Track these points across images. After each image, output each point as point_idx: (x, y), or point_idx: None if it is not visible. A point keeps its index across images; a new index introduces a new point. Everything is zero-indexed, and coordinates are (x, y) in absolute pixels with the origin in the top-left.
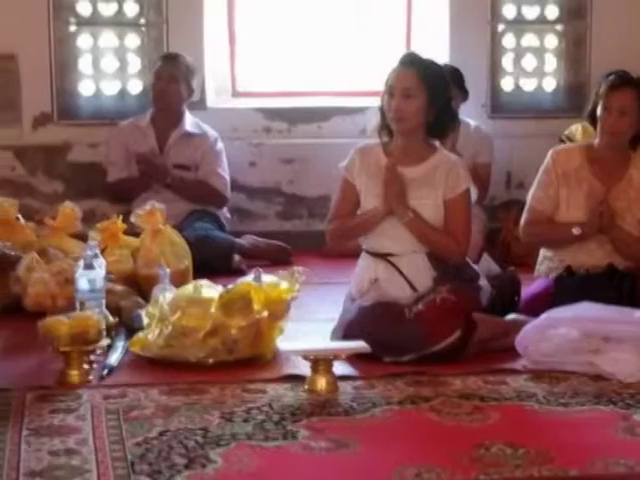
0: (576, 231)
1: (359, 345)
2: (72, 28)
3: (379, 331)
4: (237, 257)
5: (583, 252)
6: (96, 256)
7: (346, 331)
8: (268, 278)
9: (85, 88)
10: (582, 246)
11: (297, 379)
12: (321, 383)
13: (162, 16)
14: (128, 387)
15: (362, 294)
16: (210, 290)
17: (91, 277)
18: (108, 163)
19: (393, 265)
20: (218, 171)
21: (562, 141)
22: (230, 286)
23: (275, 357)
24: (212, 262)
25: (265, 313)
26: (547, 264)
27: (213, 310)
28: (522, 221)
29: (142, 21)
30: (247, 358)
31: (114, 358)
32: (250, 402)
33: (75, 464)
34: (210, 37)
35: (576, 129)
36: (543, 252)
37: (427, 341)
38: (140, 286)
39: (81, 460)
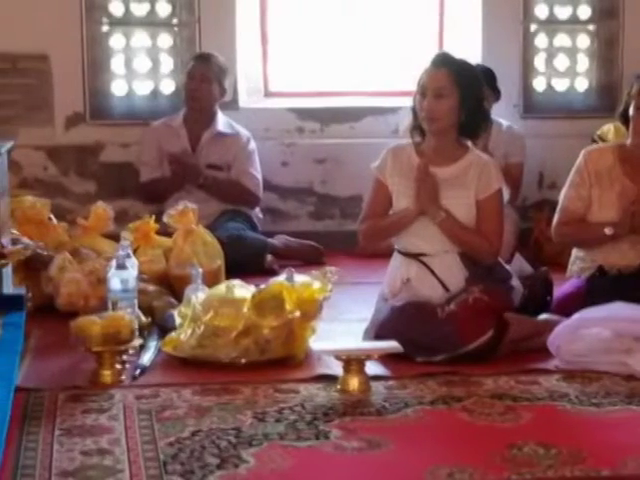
0: (608, 231)
1: (391, 345)
2: (105, 28)
3: (411, 331)
4: (269, 257)
5: (615, 252)
6: (128, 256)
7: (378, 331)
8: (300, 278)
9: (118, 88)
10: (614, 246)
11: (329, 379)
12: (353, 383)
13: (194, 16)
14: (160, 387)
15: (394, 294)
16: (242, 290)
17: (123, 277)
18: (140, 163)
19: (425, 265)
20: (250, 171)
21: (594, 141)
22: (262, 286)
23: (307, 357)
24: (244, 262)
25: (297, 313)
26: (579, 264)
27: (245, 310)
28: (554, 221)
29: (174, 21)
30: (279, 358)
31: (146, 358)
32: (282, 402)
33: (107, 464)
34: (242, 37)
35: (608, 129)
36: (575, 252)
37: (459, 341)
38: (172, 286)
39: (113, 460)
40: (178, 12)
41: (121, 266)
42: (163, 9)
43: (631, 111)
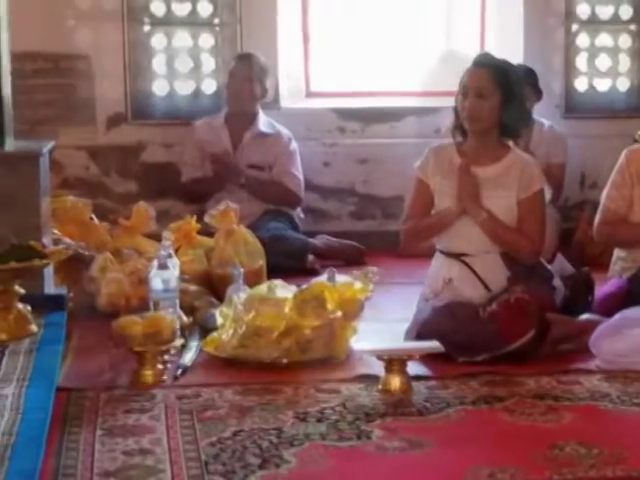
0: None
1: (433, 345)
2: (146, 28)
3: (453, 331)
4: (311, 257)
5: None
6: (170, 256)
7: (420, 331)
8: (342, 278)
9: (159, 88)
10: None
11: (371, 379)
12: (395, 383)
13: (236, 16)
14: (202, 387)
15: (436, 294)
16: (284, 290)
17: (165, 277)
18: (182, 163)
19: (467, 265)
20: (292, 171)
21: (636, 141)
22: (304, 286)
23: (349, 357)
24: (286, 262)
25: (339, 313)
26: (621, 264)
27: (287, 310)
28: (596, 221)
29: (216, 21)
30: (321, 358)
31: (188, 358)
32: (324, 402)
33: (149, 464)
34: (284, 37)
35: None
36: (617, 252)
37: (501, 341)
38: (214, 286)
39: (155, 460)
40: (220, 12)
41: (163, 266)
42: (205, 9)
43: None
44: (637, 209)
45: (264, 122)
